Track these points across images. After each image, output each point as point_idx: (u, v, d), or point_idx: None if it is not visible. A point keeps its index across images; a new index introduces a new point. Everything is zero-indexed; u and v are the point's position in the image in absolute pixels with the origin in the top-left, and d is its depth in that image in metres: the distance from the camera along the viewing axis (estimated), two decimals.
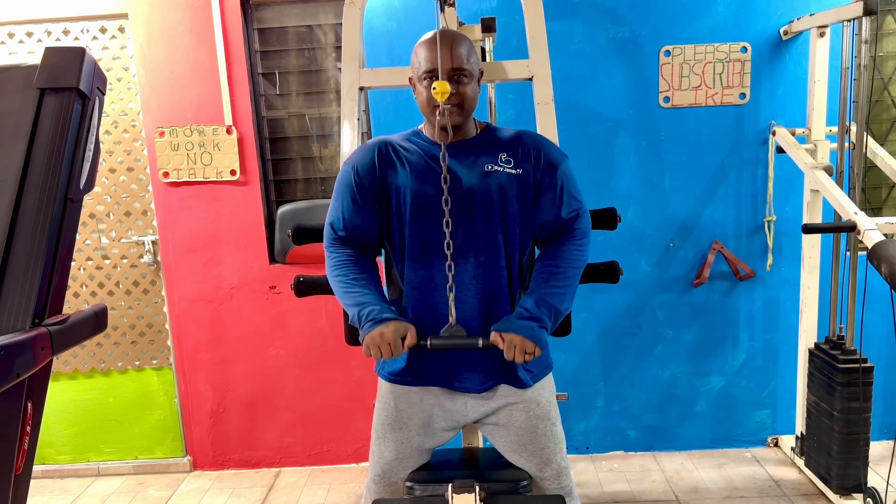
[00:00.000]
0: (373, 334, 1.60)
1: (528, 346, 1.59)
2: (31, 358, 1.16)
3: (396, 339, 1.59)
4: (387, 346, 1.58)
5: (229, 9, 3.04)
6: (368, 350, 1.60)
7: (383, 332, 1.60)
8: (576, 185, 1.78)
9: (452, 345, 1.64)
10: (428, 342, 1.62)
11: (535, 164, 1.74)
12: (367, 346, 1.61)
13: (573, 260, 1.72)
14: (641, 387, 3.26)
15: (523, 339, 1.59)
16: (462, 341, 1.63)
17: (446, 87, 1.59)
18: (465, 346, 1.64)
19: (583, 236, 1.75)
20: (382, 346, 1.58)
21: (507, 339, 1.60)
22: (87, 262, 3.28)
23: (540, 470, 1.82)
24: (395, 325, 1.61)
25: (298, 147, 3.26)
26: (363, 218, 1.76)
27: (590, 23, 3.00)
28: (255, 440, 3.36)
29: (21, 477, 1.24)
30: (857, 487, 2.69)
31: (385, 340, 1.58)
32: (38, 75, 1.29)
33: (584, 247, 1.75)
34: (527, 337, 1.60)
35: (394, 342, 1.58)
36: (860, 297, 2.69)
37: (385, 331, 1.60)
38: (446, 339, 1.63)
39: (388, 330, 1.60)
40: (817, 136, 2.88)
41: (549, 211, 1.74)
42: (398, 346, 1.59)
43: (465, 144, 1.75)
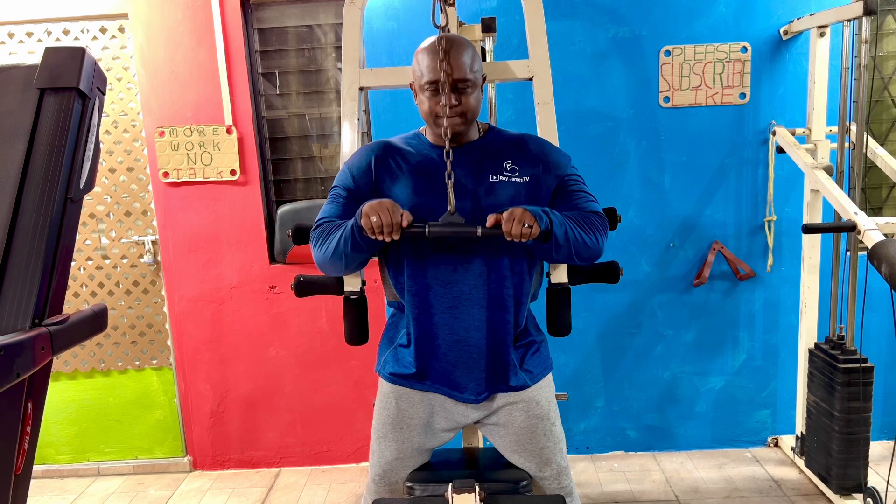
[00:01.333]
0: (371, 203, 1.58)
1: (527, 217, 1.55)
2: (31, 358, 1.16)
3: (395, 207, 1.56)
4: (386, 211, 1.54)
5: (229, 9, 3.04)
6: (368, 218, 1.55)
7: (381, 201, 1.57)
8: (586, 185, 1.78)
9: (450, 231, 1.60)
10: (426, 228, 1.58)
11: (545, 169, 1.73)
12: (366, 215, 1.56)
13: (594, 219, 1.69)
14: (641, 387, 3.26)
15: (524, 210, 1.56)
16: (460, 228, 1.60)
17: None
18: (463, 233, 1.60)
19: (604, 220, 1.73)
20: (381, 211, 1.55)
21: (508, 211, 1.56)
22: (87, 262, 3.28)
23: (540, 470, 1.82)
24: (393, 202, 1.59)
25: (298, 147, 3.26)
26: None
27: (590, 23, 3.00)
28: (255, 440, 3.36)
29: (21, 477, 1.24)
30: (857, 487, 2.68)
31: (384, 206, 1.55)
32: (38, 75, 1.29)
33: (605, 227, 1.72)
34: (527, 210, 1.56)
35: (392, 208, 1.55)
36: (860, 297, 2.69)
37: (382, 200, 1.58)
38: (444, 226, 1.59)
39: (385, 200, 1.58)
40: (817, 136, 2.88)
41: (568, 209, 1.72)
42: (396, 214, 1.55)
43: (467, 148, 1.74)
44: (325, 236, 1.70)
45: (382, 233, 1.55)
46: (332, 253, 1.67)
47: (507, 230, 1.55)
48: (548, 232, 1.59)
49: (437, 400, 1.80)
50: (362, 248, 1.64)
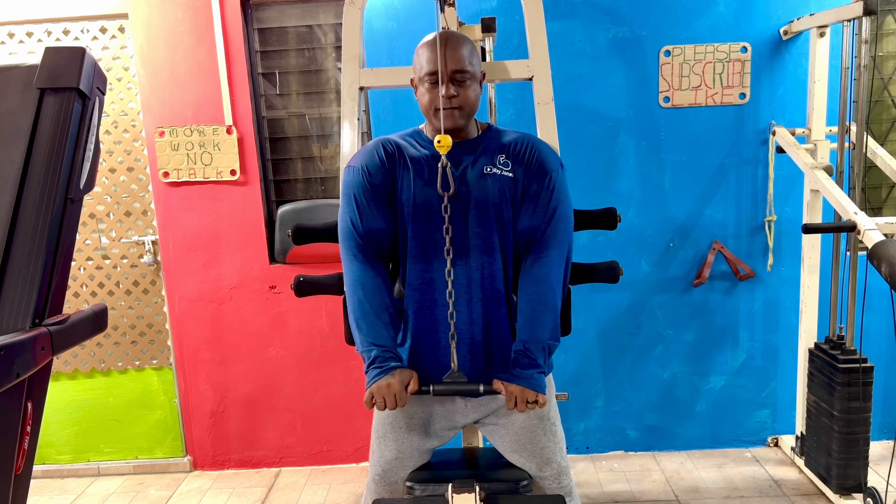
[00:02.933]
0: (380, 385, 1.62)
1: (528, 395, 1.62)
2: (31, 358, 1.16)
3: (402, 390, 1.62)
4: (392, 397, 1.61)
5: (229, 9, 3.04)
6: (372, 398, 1.62)
7: (390, 384, 1.61)
8: (563, 196, 1.75)
9: (454, 391, 1.68)
10: (430, 389, 1.66)
11: (527, 169, 1.73)
12: (371, 395, 1.63)
13: (554, 283, 1.71)
14: (641, 387, 3.26)
15: (523, 389, 1.62)
16: (464, 387, 1.67)
17: (448, 142, 1.61)
18: (466, 392, 1.68)
19: (561, 252, 1.73)
20: (388, 397, 1.61)
21: (508, 390, 1.63)
22: (87, 262, 3.28)
23: (540, 469, 1.82)
24: (400, 374, 1.63)
25: (298, 147, 3.26)
26: (381, 218, 1.73)
27: (590, 23, 3.00)
28: (255, 440, 3.36)
29: (21, 477, 1.24)
30: (857, 487, 2.68)
31: (391, 392, 1.61)
32: (38, 75, 1.29)
33: (564, 263, 1.74)
34: (526, 387, 1.63)
35: (399, 393, 1.61)
36: (860, 297, 2.69)
37: (392, 381, 1.62)
38: (448, 385, 1.67)
39: (394, 381, 1.62)
40: (817, 136, 2.88)
41: (529, 218, 1.72)
42: (403, 398, 1.62)
43: (465, 145, 1.75)
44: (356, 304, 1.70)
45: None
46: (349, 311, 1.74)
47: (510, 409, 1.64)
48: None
49: (437, 399, 1.80)
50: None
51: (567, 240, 1.75)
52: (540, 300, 1.69)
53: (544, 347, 1.67)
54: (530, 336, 1.68)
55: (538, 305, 1.69)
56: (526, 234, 1.73)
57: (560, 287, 1.73)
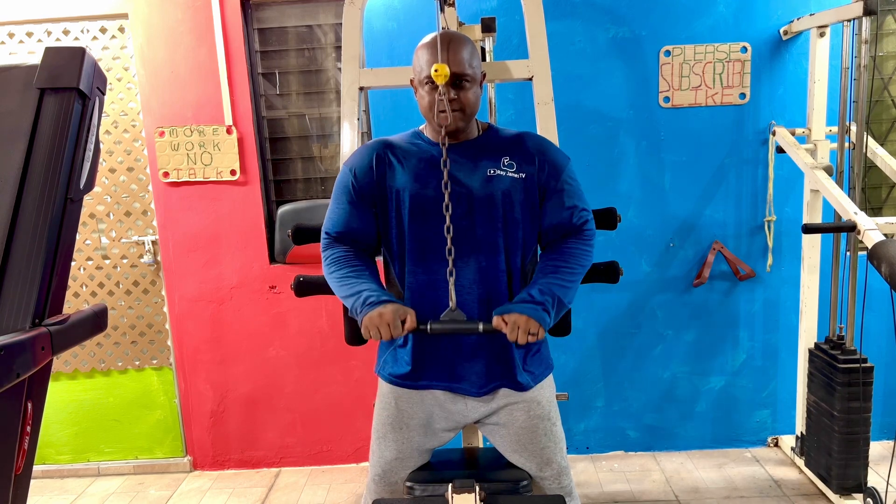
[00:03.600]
0: (371, 315, 1.59)
1: (531, 325, 1.57)
2: (31, 358, 1.16)
3: (396, 319, 1.57)
4: (386, 326, 1.56)
5: (229, 9, 3.04)
6: (367, 331, 1.58)
7: (382, 313, 1.58)
8: (580, 189, 1.78)
9: (452, 329, 1.62)
10: (428, 326, 1.60)
11: (539, 168, 1.74)
12: (365, 328, 1.59)
13: (580, 258, 1.73)
14: (641, 387, 3.26)
15: (527, 318, 1.58)
16: (462, 325, 1.61)
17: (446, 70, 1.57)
18: (465, 330, 1.62)
19: (590, 237, 1.77)
20: (381, 326, 1.56)
21: (511, 319, 1.57)
22: (87, 262, 3.28)
23: (540, 470, 1.82)
24: (394, 307, 1.60)
25: (298, 147, 3.26)
26: (360, 220, 1.76)
27: (590, 23, 3.00)
28: (255, 440, 3.36)
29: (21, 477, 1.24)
30: (857, 487, 2.68)
31: (384, 321, 1.57)
32: (38, 75, 1.29)
33: (591, 248, 1.76)
34: (530, 317, 1.58)
35: (393, 322, 1.56)
36: (860, 297, 2.69)
37: (384, 311, 1.58)
38: (446, 324, 1.61)
39: (386, 311, 1.58)
40: (817, 136, 2.88)
41: (555, 215, 1.74)
42: (398, 327, 1.57)
43: (466, 146, 1.75)
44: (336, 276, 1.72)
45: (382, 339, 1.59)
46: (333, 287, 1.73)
47: (511, 338, 1.58)
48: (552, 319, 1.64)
49: (437, 400, 1.80)
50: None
51: (592, 228, 1.77)
52: (562, 266, 1.70)
53: (553, 297, 1.64)
54: (542, 284, 1.66)
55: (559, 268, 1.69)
56: (552, 229, 1.75)
57: (585, 264, 1.73)
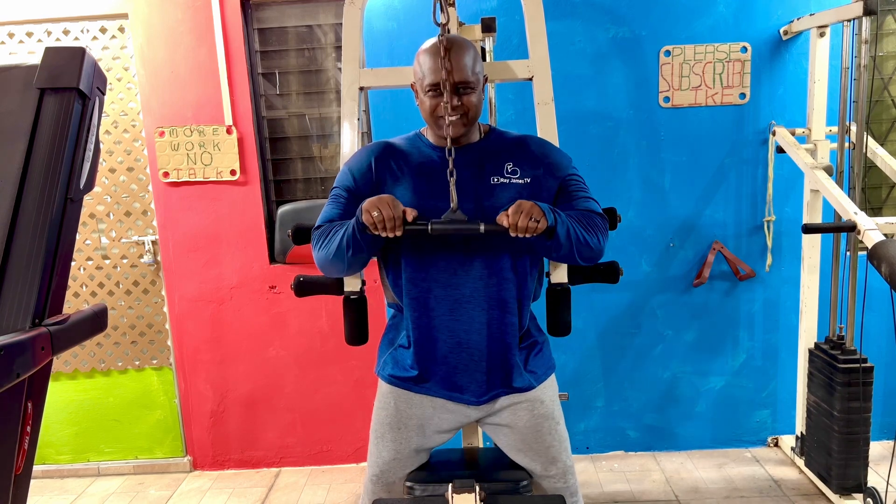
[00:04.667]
0: (370, 199, 1.56)
1: (535, 211, 1.52)
2: (31, 358, 1.16)
3: (395, 202, 1.55)
4: (385, 205, 1.53)
5: (229, 9, 3.04)
6: (369, 214, 1.53)
7: (381, 196, 1.56)
8: (585, 184, 1.78)
9: (453, 229, 1.58)
10: (429, 226, 1.56)
11: (546, 171, 1.73)
12: (366, 212, 1.54)
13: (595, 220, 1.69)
14: (641, 387, 3.26)
15: (532, 204, 1.54)
16: (463, 226, 1.57)
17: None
18: (466, 230, 1.57)
19: (604, 221, 1.74)
20: (381, 205, 1.53)
21: (515, 203, 1.53)
22: (87, 262, 3.28)
23: (545, 469, 1.81)
24: (393, 196, 1.57)
25: (298, 147, 3.26)
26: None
27: (590, 23, 3.00)
28: (255, 440, 3.36)
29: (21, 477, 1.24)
30: (857, 487, 2.68)
31: (384, 201, 1.53)
32: (38, 75, 1.29)
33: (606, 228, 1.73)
34: (536, 203, 1.54)
35: (392, 202, 1.54)
36: (860, 297, 2.69)
37: (382, 196, 1.56)
38: (447, 224, 1.58)
39: (385, 195, 1.56)
40: (817, 136, 2.88)
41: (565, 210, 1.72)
42: (398, 209, 1.54)
43: (468, 149, 1.74)
44: (326, 237, 1.70)
45: (385, 228, 1.54)
46: (334, 253, 1.67)
47: (514, 222, 1.52)
48: (552, 228, 1.57)
49: (438, 402, 1.79)
50: (362, 248, 1.63)
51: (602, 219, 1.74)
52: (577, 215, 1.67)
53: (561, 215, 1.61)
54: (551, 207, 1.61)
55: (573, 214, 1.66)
56: None
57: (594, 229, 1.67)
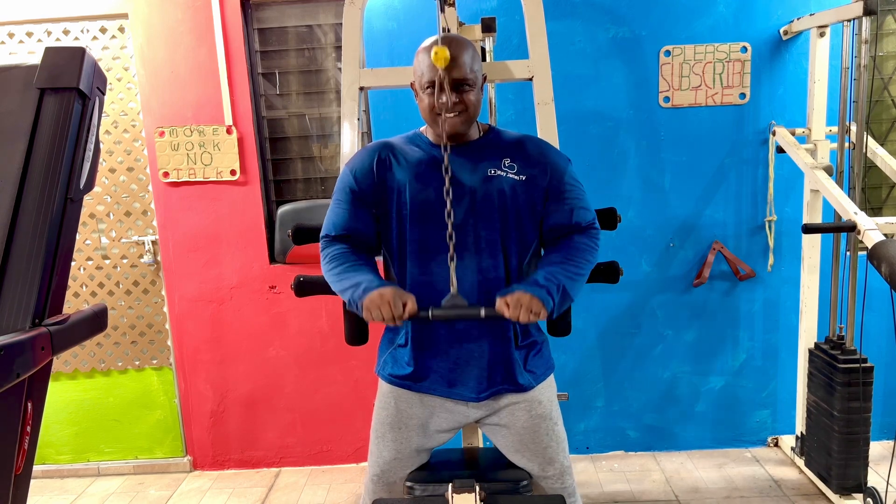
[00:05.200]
0: (372, 296, 1.57)
1: (534, 304, 1.54)
2: (31, 358, 1.16)
3: (397, 300, 1.55)
4: (387, 305, 1.54)
5: (229, 9, 3.04)
6: (369, 312, 1.56)
7: (382, 293, 1.56)
8: (583, 190, 1.78)
9: (454, 315, 1.59)
10: (429, 312, 1.57)
11: (542, 171, 1.73)
12: (367, 309, 1.56)
13: (585, 253, 1.71)
14: (641, 387, 3.26)
15: (530, 296, 1.55)
16: (464, 311, 1.59)
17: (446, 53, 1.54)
18: (467, 315, 1.60)
19: (595, 235, 1.76)
20: (383, 306, 1.54)
21: (513, 298, 1.55)
22: (87, 262, 3.28)
23: (543, 469, 1.82)
24: (394, 288, 1.59)
25: (298, 147, 3.26)
26: (359, 222, 1.76)
27: (590, 23, 3.00)
28: (255, 440, 3.36)
29: (21, 477, 1.24)
30: (857, 487, 2.68)
31: (385, 300, 1.55)
32: (38, 75, 1.29)
33: (597, 245, 1.75)
34: (534, 295, 1.56)
35: (394, 302, 1.55)
36: (860, 297, 2.69)
37: (384, 291, 1.57)
38: (448, 310, 1.59)
39: (387, 291, 1.57)
40: (817, 136, 2.88)
41: (559, 215, 1.74)
42: (398, 307, 1.55)
43: (467, 148, 1.75)
44: (335, 273, 1.70)
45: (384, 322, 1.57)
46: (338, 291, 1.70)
47: (513, 316, 1.54)
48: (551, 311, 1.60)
49: (437, 401, 1.79)
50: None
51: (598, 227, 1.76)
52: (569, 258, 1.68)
53: (558, 285, 1.62)
54: (547, 272, 1.64)
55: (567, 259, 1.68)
56: (556, 228, 1.75)
57: (591, 260, 1.71)
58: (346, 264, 1.71)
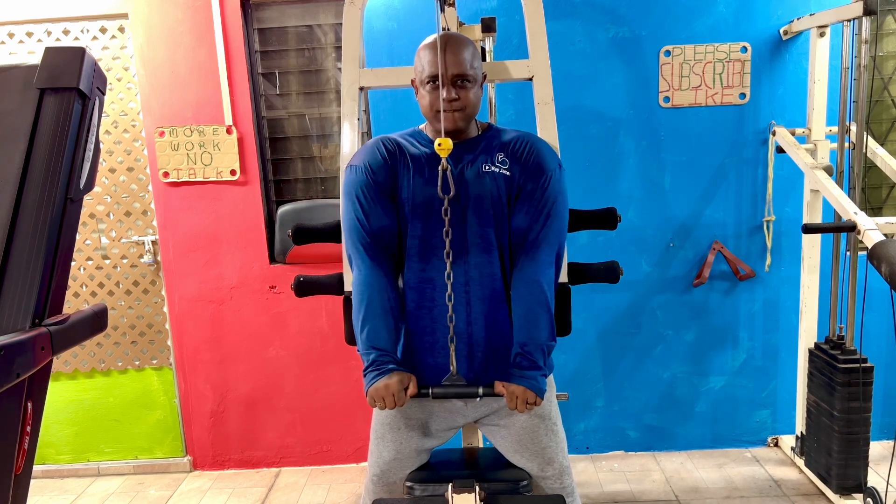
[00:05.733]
0: (377, 387, 1.63)
1: (529, 396, 1.64)
2: (31, 358, 1.15)
3: (400, 390, 1.63)
4: (391, 397, 1.62)
5: (229, 9, 3.04)
6: (373, 401, 1.65)
7: (388, 385, 1.62)
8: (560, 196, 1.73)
9: (454, 394, 1.69)
10: (430, 392, 1.68)
11: (523, 167, 1.73)
12: (371, 398, 1.65)
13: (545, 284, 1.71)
14: (641, 387, 3.26)
15: (525, 390, 1.64)
16: (463, 390, 1.68)
17: (449, 144, 1.59)
18: (465, 395, 1.69)
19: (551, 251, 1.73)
20: (387, 398, 1.62)
21: (510, 390, 1.65)
22: (87, 262, 3.28)
23: (542, 470, 1.82)
24: (398, 376, 1.64)
25: (298, 147, 3.26)
26: (385, 216, 1.73)
27: (590, 23, 3.00)
28: (255, 440, 3.36)
29: (21, 477, 1.24)
30: (857, 487, 2.68)
31: (389, 392, 1.62)
32: (38, 75, 1.29)
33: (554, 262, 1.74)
34: (528, 388, 1.64)
35: (397, 394, 1.62)
36: (860, 297, 2.69)
37: (389, 383, 1.63)
38: (447, 389, 1.69)
39: (392, 382, 1.63)
40: (817, 136, 2.88)
41: (523, 217, 1.72)
42: (402, 398, 1.63)
43: (465, 145, 1.75)
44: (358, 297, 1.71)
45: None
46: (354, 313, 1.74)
47: (511, 408, 1.66)
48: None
49: (437, 401, 1.80)
50: None
51: (558, 240, 1.74)
52: (535, 300, 1.70)
53: (543, 349, 1.68)
54: (528, 338, 1.68)
55: (534, 306, 1.69)
56: (519, 232, 1.73)
57: (552, 287, 1.73)
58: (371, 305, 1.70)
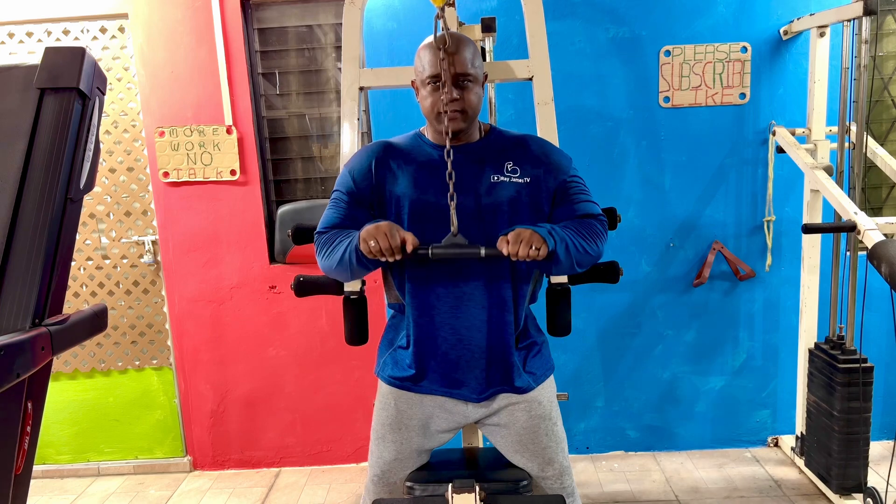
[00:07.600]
0: (368, 228, 1.55)
1: (534, 239, 1.52)
2: (31, 358, 1.16)
3: (393, 231, 1.54)
4: (383, 235, 1.52)
5: (229, 9, 3.04)
6: (366, 243, 1.53)
7: (379, 225, 1.55)
8: (586, 187, 1.78)
9: (454, 253, 1.59)
10: (429, 250, 1.57)
11: (546, 172, 1.73)
12: (363, 241, 1.54)
13: (593, 227, 1.69)
14: (641, 387, 3.26)
15: (532, 232, 1.53)
16: (464, 250, 1.59)
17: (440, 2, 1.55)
18: (467, 254, 1.59)
19: (603, 221, 1.74)
20: (379, 235, 1.52)
21: (514, 233, 1.53)
22: (87, 262, 3.28)
23: (542, 470, 1.82)
24: (391, 223, 1.57)
25: (298, 147, 3.26)
26: (354, 223, 1.72)
27: (590, 23, 3.00)
28: (255, 440, 3.36)
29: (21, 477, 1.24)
30: (857, 487, 2.69)
31: (381, 231, 1.53)
32: (38, 75, 1.29)
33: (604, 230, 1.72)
34: (535, 231, 1.54)
35: (390, 233, 1.53)
36: (860, 297, 2.69)
37: (380, 224, 1.56)
38: (448, 248, 1.59)
39: (383, 223, 1.56)
40: (817, 136, 2.88)
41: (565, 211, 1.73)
42: (395, 239, 1.52)
43: (468, 149, 1.74)
44: (329, 247, 1.69)
45: (383, 255, 1.54)
46: (337, 264, 1.67)
47: (513, 252, 1.52)
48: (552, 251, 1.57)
49: (437, 401, 1.79)
50: (365, 266, 1.64)
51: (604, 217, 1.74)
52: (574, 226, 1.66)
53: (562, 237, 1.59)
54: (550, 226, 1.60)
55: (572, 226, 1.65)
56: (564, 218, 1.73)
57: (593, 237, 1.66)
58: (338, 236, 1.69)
